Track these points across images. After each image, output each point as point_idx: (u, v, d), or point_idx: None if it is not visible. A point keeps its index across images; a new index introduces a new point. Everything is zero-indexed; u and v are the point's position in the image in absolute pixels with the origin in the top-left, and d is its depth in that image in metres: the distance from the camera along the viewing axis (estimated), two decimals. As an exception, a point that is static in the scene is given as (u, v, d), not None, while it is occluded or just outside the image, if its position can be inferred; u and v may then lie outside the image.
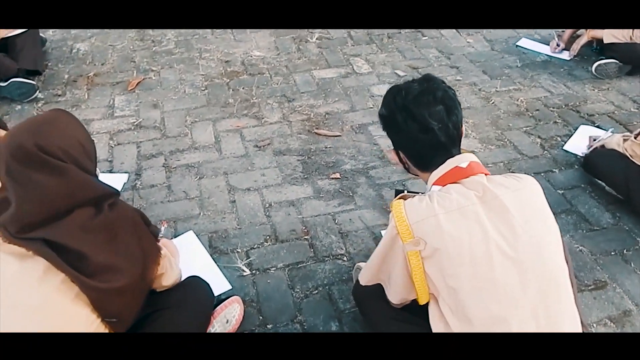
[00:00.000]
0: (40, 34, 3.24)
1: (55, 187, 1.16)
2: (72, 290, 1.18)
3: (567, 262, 1.29)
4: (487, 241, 1.19)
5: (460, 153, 1.35)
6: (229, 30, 3.56)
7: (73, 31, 3.55)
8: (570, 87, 2.98)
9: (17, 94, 2.83)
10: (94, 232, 1.21)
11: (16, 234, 1.14)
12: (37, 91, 2.86)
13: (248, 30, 3.56)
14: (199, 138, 2.59)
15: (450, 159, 1.32)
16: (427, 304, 1.32)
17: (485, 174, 1.32)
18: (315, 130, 2.63)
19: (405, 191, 1.61)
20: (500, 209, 1.22)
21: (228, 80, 3.03)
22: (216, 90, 2.95)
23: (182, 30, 3.56)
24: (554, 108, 2.80)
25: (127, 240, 1.28)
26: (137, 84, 2.99)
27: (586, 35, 3.12)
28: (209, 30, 3.57)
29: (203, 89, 2.96)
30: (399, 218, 1.25)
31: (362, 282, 1.47)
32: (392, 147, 1.45)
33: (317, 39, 3.45)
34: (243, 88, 2.96)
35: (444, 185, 1.31)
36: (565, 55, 3.22)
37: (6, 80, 2.81)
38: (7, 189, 1.16)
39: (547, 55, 3.25)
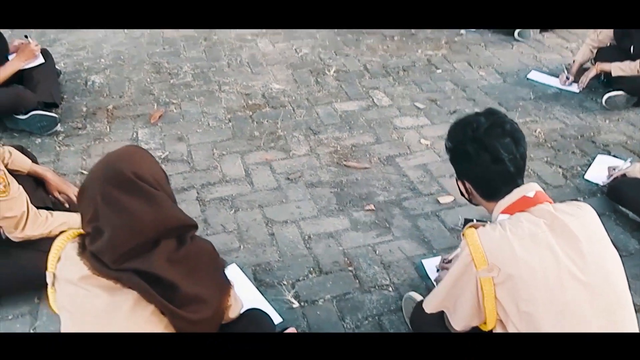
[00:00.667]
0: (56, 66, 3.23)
1: (148, 214, 1.16)
2: (162, 322, 1.17)
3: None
4: (558, 266, 1.25)
5: (524, 183, 1.41)
6: (246, 63, 3.61)
7: (86, 63, 3.55)
8: (583, 118, 3.08)
9: (38, 127, 2.80)
10: (179, 263, 1.21)
11: (112, 264, 1.13)
12: (58, 124, 2.84)
13: (264, 63, 3.61)
14: (229, 171, 2.59)
15: (517, 189, 1.38)
16: (490, 330, 1.35)
17: (549, 202, 1.37)
18: (344, 163, 2.65)
19: (474, 220, 1.65)
20: (569, 235, 1.28)
21: (251, 113, 3.05)
22: (240, 123, 2.96)
23: (199, 63, 3.59)
24: (570, 138, 2.88)
25: (207, 271, 1.28)
26: (159, 117, 2.99)
27: (595, 68, 3.23)
28: (225, 63, 3.60)
29: (227, 121, 2.98)
30: (474, 245, 1.28)
31: (428, 310, 1.49)
32: (456, 177, 1.51)
33: (334, 72, 3.51)
34: (267, 121, 2.98)
35: (512, 214, 1.35)
36: (575, 88, 3.33)
37: (26, 113, 2.78)
38: (99, 218, 1.15)
39: (557, 87, 3.36)
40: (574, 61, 3.43)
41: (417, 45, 3.93)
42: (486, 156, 1.37)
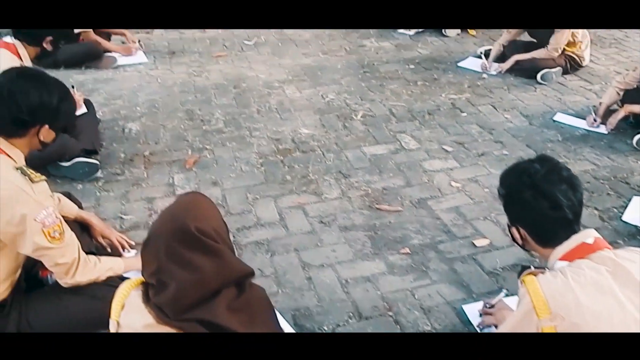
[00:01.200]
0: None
1: (212, 268, 1.20)
2: None
3: None
4: (624, 313, 1.24)
5: (580, 229, 1.42)
6: (274, 109, 3.71)
7: (123, 111, 3.68)
8: (614, 159, 3.08)
9: (80, 173, 2.89)
10: (239, 311, 1.24)
11: (174, 316, 1.16)
12: (99, 170, 2.93)
13: (292, 109, 3.71)
14: (263, 215, 2.63)
15: (575, 235, 1.39)
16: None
17: (609, 249, 1.37)
18: (376, 206, 2.68)
19: (531, 267, 1.66)
20: (632, 282, 1.28)
21: (282, 158, 3.12)
22: (272, 167, 3.03)
23: (229, 110, 3.69)
24: (603, 180, 2.89)
25: (264, 318, 1.31)
26: (194, 163, 3.07)
27: (623, 110, 3.27)
28: (254, 109, 3.71)
29: (259, 166, 3.04)
30: (535, 294, 1.28)
31: None
32: (509, 223, 1.52)
33: (361, 116, 3.59)
34: (298, 165, 3.04)
35: (571, 261, 1.36)
36: (603, 129, 3.35)
37: (69, 160, 2.88)
38: (163, 272, 1.19)
39: (585, 129, 3.38)
40: (600, 103, 3.47)
41: (441, 90, 4.01)
42: (544, 203, 1.39)
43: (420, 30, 5.28)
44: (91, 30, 4.39)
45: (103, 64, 4.41)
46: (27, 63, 2.92)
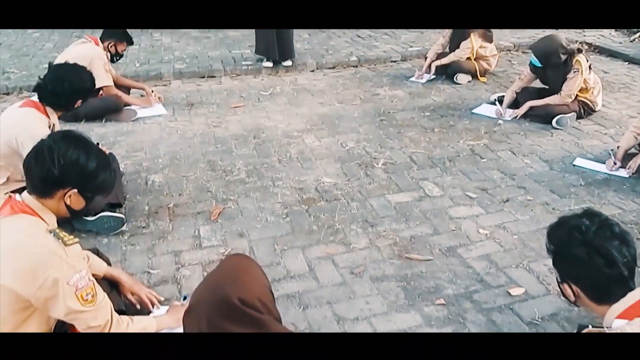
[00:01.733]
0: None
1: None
2: None
3: None
4: None
5: (635, 285, 1.40)
6: (295, 159, 3.74)
7: (145, 163, 3.72)
8: (639, 203, 3.08)
9: (105, 227, 2.90)
10: None
11: None
12: (125, 224, 2.94)
13: (313, 158, 3.74)
14: (292, 266, 2.61)
15: (632, 292, 1.37)
16: None
17: None
18: (406, 255, 2.66)
19: (590, 326, 1.62)
20: None
21: (307, 207, 3.13)
22: (297, 217, 3.03)
23: (251, 160, 3.73)
24: (631, 224, 2.87)
25: None
26: (218, 214, 3.07)
27: (646, 157, 3.29)
28: (275, 159, 3.74)
29: (284, 216, 3.04)
30: None
31: None
32: (559, 280, 1.51)
33: (382, 164, 3.62)
34: (323, 214, 3.05)
35: (630, 319, 1.34)
36: (623, 173, 3.36)
37: (94, 215, 2.89)
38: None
39: (606, 173, 3.39)
40: (618, 147, 3.49)
41: (458, 136, 4.05)
42: (599, 260, 1.38)
43: (432, 77, 5.40)
44: (112, 84, 4.49)
45: (123, 117, 4.49)
46: (55, 121, 2.98)
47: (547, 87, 4.43)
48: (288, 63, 5.87)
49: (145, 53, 6.33)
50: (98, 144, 3.06)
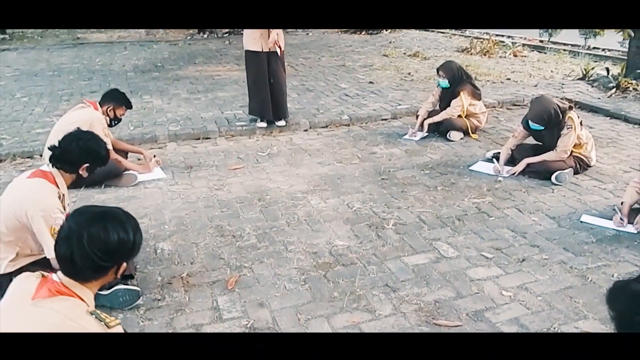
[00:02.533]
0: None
1: None
2: None
3: None
4: None
5: None
6: (304, 221, 3.71)
7: (151, 230, 3.64)
8: (652, 259, 3.13)
9: (120, 302, 2.79)
10: None
11: None
12: (141, 297, 2.83)
13: (322, 220, 3.72)
14: (319, 337, 2.53)
15: None
16: None
17: None
18: (434, 322, 2.62)
19: None
20: None
21: (324, 273, 3.08)
22: (316, 283, 2.97)
23: (259, 224, 3.69)
24: (648, 281, 2.90)
25: None
26: (235, 282, 3.00)
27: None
28: (284, 222, 3.71)
29: (302, 283, 2.99)
30: None
31: None
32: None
33: (393, 225, 3.62)
34: (342, 280, 3.00)
35: None
36: (631, 229, 3.43)
37: (109, 289, 2.78)
38: None
39: (614, 229, 3.46)
40: (622, 203, 3.58)
41: (462, 194, 4.10)
42: None
43: (425, 135, 5.51)
44: (111, 149, 4.45)
45: (123, 182, 4.43)
46: (64, 191, 2.91)
47: (540, 143, 4.57)
48: (282, 123, 5.94)
49: (138, 115, 6.32)
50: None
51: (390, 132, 5.80)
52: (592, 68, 7.94)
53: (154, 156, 4.79)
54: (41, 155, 5.12)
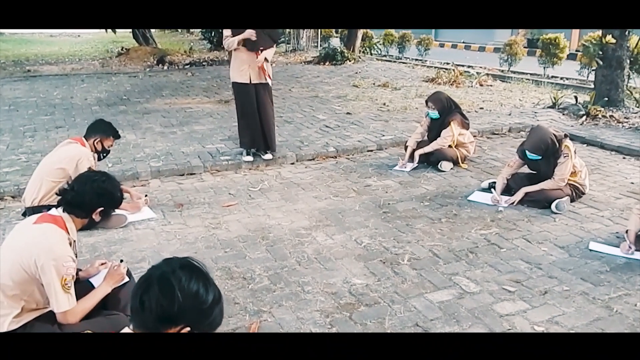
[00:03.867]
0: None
1: None
2: None
3: None
4: None
5: None
6: (314, 259, 3.59)
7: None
8: (667, 286, 3.17)
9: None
10: None
11: None
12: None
13: (332, 257, 3.60)
14: (359, 385, 2.40)
15: None
16: None
17: None
18: (475, 361, 2.53)
19: None
20: None
21: (349, 314, 2.95)
22: (344, 326, 2.84)
23: (268, 264, 3.53)
24: (670, 309, 2.93)
25: None
26: (257, 329, 2.83)
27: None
28: (294, 261, 3.57)
29: (329, 326, 2.85)
30: None
31: None
32: None
33: (407, 260, 3.54)
34: (370, 321, 2.88)
35: None
36: (639, 256, 3.48)
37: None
38: None
39: (624, 257, 3.50)
40: (627, 231, 3.64)
41: (467, 226, 4.09)
42: None
43: (415, 166, 5.52)
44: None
45: (113, 223, 4.18)
46: (74, 237, 2.69)
47: (535, 171, 4.64)
48: (268, 156, 5.83)
49: (114, 151, 6.00)
50: (122, 260, 2.83)
51: (379, 164, 5.78)
52: (561, 97, 8.26)
53: (146, 195, 4.57)
54: (14, 197, 4.82)
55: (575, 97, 8.10)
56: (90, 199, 2.60)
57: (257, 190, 4.99)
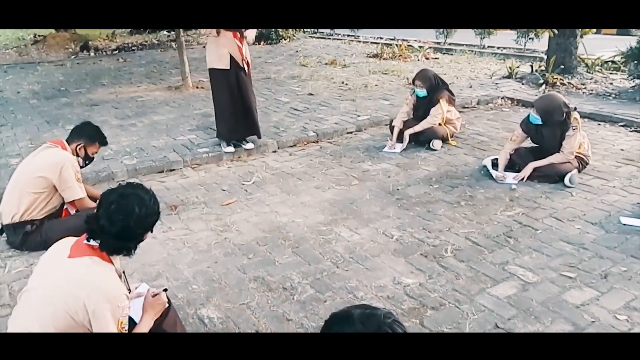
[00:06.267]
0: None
1: None
2: None
3: None
4: None
5: None
6: (350, 259, 3.28)
7: (180, 294, 2.97)
8: None
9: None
10: None
11: None
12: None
13: (369, 255, 3.32)
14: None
15: None
16: None
17: None
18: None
19: None
20: None
21: (418, 321, 2.70)
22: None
23: (303, 269, 3.18)
24: None
25: None
26: (327, 350, 2.49)
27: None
28: (329, 263, 3.25)
29: (404, 337, 2.57)
30: None
31: None
32: None
33: (450, 252, 3.33)
34: (446, 327, 2.64)
35: None
36: (672, 226, 3.50)
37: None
38: None
39: (657, 228, 3.50)
40: (650, 201, 3.66)
41: (489, 208, 3.94)
42: None
43: (404, 147, 5.30)
44: (86, 196, 3.62)
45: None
46: (118, 264, 2.22)
47: (537, 145, 4.58)
48: (250, 146, 5.38)
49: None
50: (165, 289, 2.38)
51: (366, 146, 5.52)
52: (518, 66, 8.36)
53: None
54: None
55: (532, 67, 8.24)
56: (137, 228, 2.11)
57: (251, 184, 4.57)
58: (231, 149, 5.28)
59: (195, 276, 3.15)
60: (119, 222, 2.04)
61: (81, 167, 3.67)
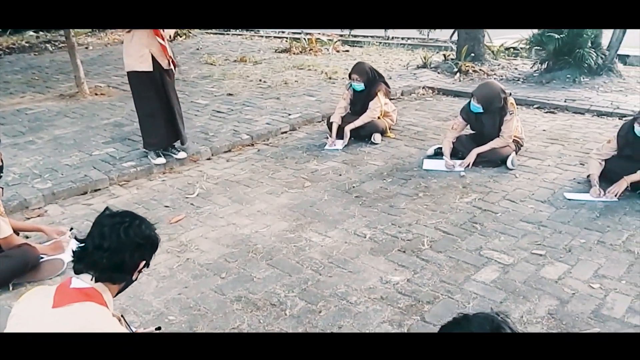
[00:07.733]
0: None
1: None
2: None
3: None
4: None
5: None
6: (330, 265, 3.20)
7: (165, 329, 2.70)
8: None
9: None
10: None
11: None
12: None
13: (348, 258, 3.25)
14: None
15: None
16: None
17: None
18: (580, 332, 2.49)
19: None
20: None
21: (419, 318, 2.68)
22: (422, 330, 2.56)
23: (285, 281, 3.04)
24: (671, 241, 3.26)
25: None
26: (339, 363, 2.40)
27: (624, 181, 3.77)
28: (310, 272, 3.13)
29: (411, 338, 2.54)
30: None
31: None
32: None
33: (427, 245, 3.35)
34: (447, 320, 2.64)
35: None
36: (610, 197, 3.79)
37: None
38: None
39: (600, 200, 3.79)
40: (588, 176, 3.96)
41: (446, 196, 4.04)
42: None
43: (346, 143, 5.29)
44: (11, 233, 3.17)
45: (45, 273, 3.23)
46: (112, 308, 1.95)
47: (475, 132, 4.78)
48: (182, 155, 5.06)
49: (-27, 177, 4.68)
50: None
51: (306, 145, 5.43)
52: (431, 56, 8.69)
53: (71, 229, 3.60)
54: None
55: (444, 56, 8.61)
56: (131, 255, 1.87)
57: (195, 197, 4.30)
58: (162, 160, 4.92)
59: (168, 306, 2.88)
60: (112, 248, 1.82)
61: None
